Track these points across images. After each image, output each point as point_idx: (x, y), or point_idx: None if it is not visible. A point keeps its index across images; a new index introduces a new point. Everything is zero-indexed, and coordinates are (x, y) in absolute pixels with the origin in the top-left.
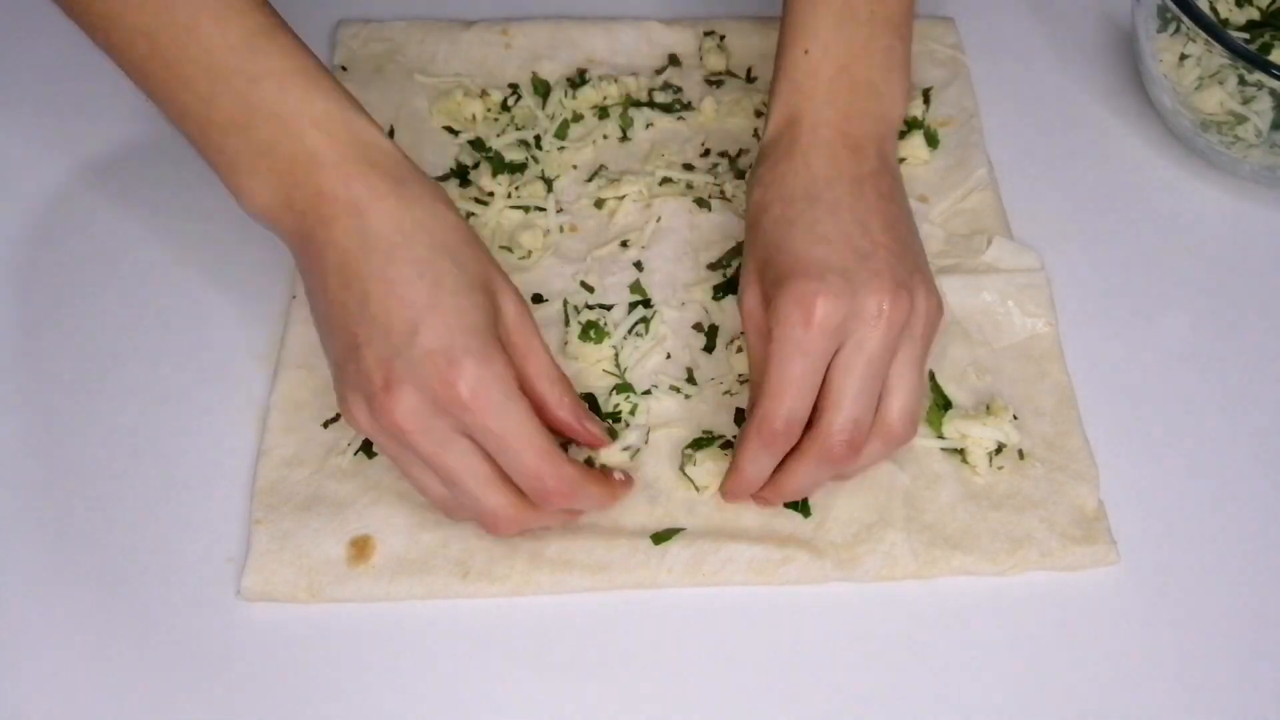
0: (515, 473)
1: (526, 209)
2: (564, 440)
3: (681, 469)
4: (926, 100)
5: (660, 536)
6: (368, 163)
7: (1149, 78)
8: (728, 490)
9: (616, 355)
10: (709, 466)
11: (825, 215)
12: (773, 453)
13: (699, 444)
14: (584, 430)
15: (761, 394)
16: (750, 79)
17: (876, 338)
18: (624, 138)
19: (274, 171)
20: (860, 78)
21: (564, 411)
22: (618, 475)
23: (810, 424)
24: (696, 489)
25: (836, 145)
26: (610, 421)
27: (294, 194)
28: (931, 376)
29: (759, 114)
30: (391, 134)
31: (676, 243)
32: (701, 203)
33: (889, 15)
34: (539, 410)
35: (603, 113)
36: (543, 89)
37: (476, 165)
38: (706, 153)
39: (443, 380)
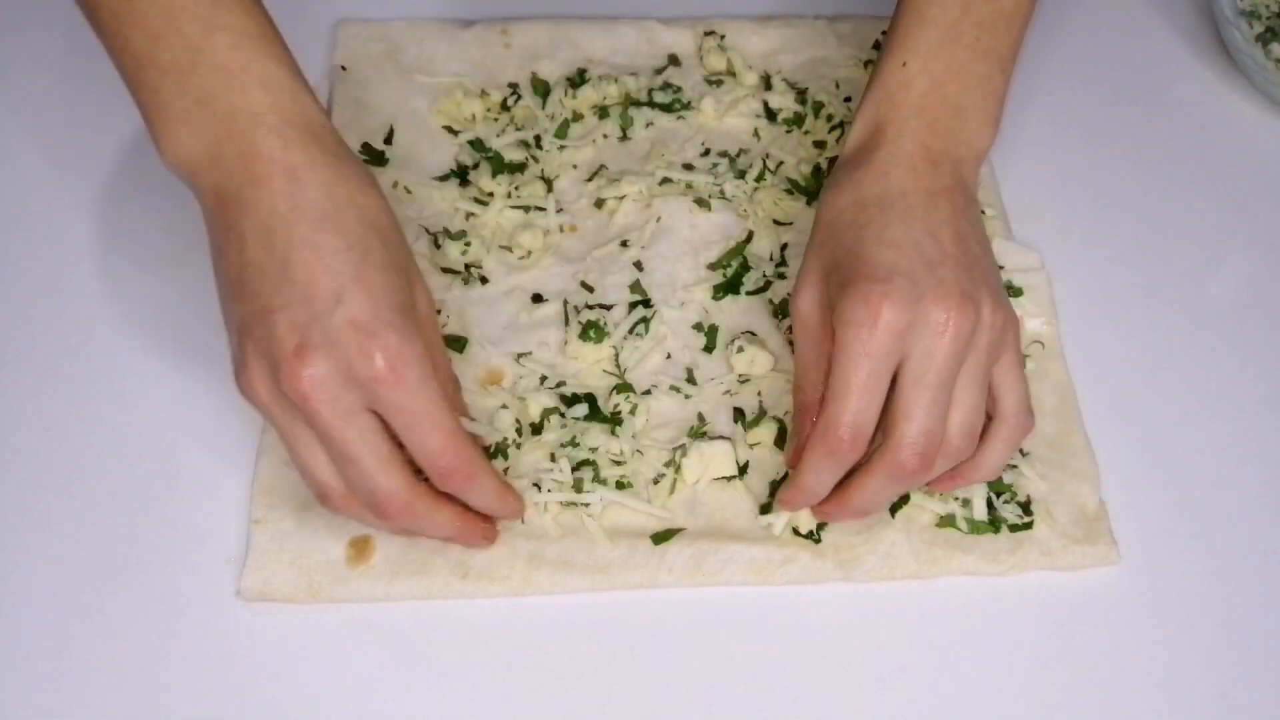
0: (419, 451)
1: (526, 209)
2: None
3: (672, 462)
4: None
5: (660, 537)
6: (309, 133)
7: (1231, 36)
8: (786, 500)
9: (616, 355)
10: (700, 455)
11: (896, 222)
12: (836, 463)
13: (693, 433)
14: None
15: (826, 400)
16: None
17: (944, 347)
18: (624, 138)
19: (208, 123)
20: (951, 98)
21: (454, 409)
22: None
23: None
24: (685, 481)
25: (916, 158)
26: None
27: (224, 148)
28: None
29: (758, 115)
30: (391, 134)
31: (676, 243)
32: (701, 203)
33: (993, 46)
34: None
35: (603, 113)
36: (542, 89)
37: (476, 165)
38: (706, 152)
39: (361, 351)
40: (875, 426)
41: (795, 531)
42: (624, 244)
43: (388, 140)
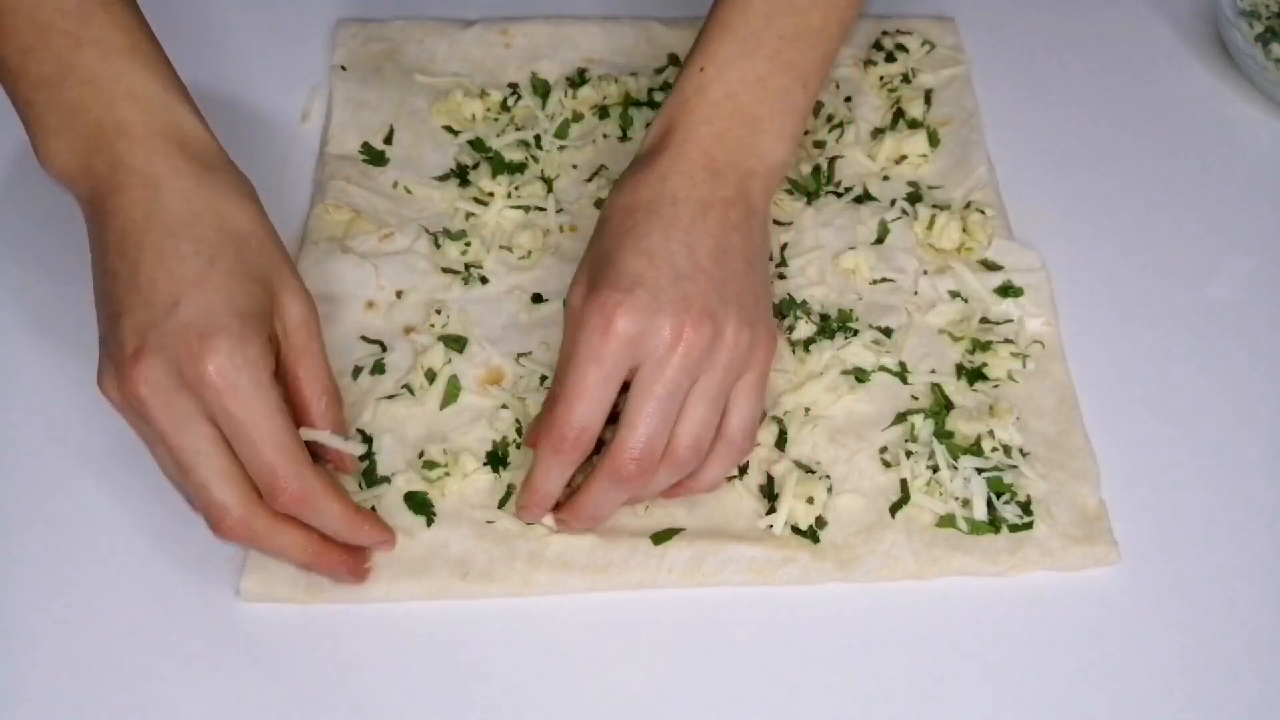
0: (250, 465)
1: (526, 209)
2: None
3: None
4: (927, 100)
5: (660, 537)
6: (176, 143)
7: (1231, 33)
8: (521, 504)
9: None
10: None
11: (657, 231)
12: (562, 462)
13: None
14: (334, 451)
15: (557, 400)
16: None
17: (675, 361)
18: (624, 138)
19: (78, 135)
20: (746, 109)
21: (323, 424)
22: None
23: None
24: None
25: (697, 165)
26: None
27: (93, 159)
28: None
29: None
30: (391, 134)
31: None
32: None
33: (795, 61)
34: (302, 417)
35: (603, 113)
36: (542, 89)
37: (476, 165)
38: None
39: (191, 354)
40: (604, 428)
41: (795, 529)
42: None
43: (388, 140)
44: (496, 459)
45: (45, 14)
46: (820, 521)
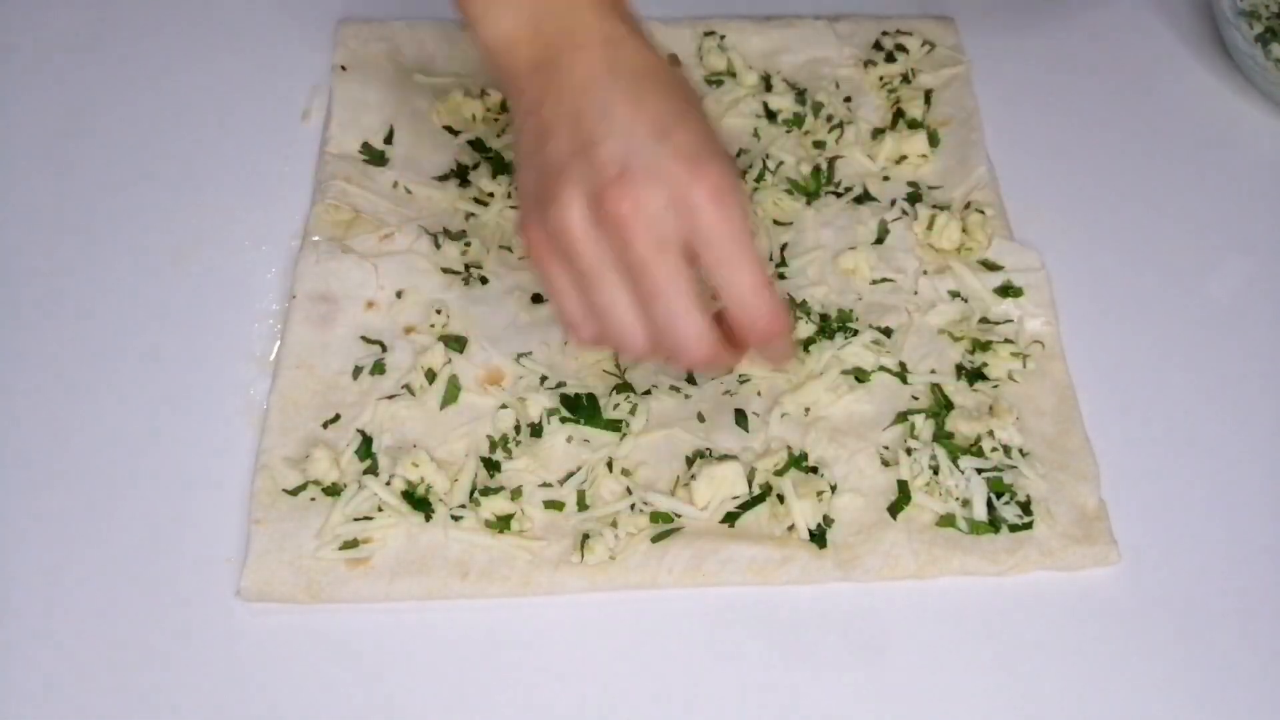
0: (735, 280)
1: None
2: None
3: (679, 488)
4: (927, 100)
5: (660, 536)
6: (618, 10)
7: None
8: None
9: (616, 355)
10: (710, 478)
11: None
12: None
13: (697, 457)
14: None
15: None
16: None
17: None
18: None
19: (527, 4)
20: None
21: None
22: None
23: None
24: (696, 505)
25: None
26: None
27: (544, 23)
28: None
29: (758, 115)
30: (391, 134)
31: None
32: None
33: None
34: None
35: None
36: None
37: (476, 165)
38: None
39: (685, 177)
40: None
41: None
42: None
43: (388, 140)
44: (492, 464)
45: None
46: (827, 520)
